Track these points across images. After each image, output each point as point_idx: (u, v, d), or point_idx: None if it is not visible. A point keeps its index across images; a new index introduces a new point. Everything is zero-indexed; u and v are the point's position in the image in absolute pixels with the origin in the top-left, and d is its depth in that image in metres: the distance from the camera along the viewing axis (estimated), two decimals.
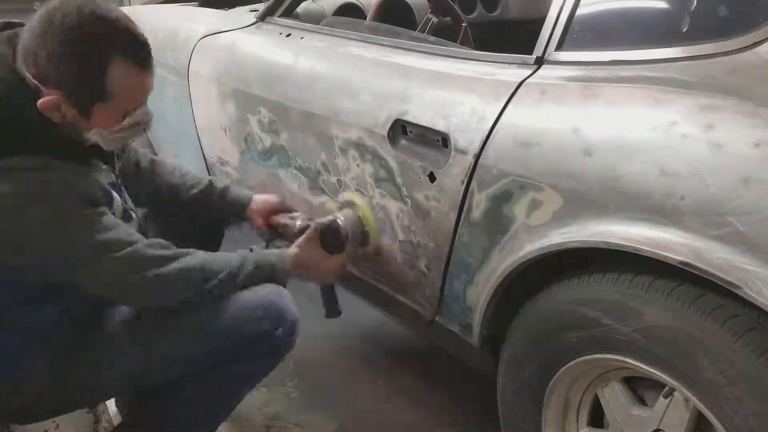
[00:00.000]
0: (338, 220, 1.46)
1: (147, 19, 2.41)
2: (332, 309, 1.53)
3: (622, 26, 1.20)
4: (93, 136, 1.14)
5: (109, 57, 1.06)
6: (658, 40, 1.08)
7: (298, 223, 1.53)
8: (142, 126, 1.19)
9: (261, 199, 1.62)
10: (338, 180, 1.57)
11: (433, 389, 1.84)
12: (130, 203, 1.31)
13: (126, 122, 1.15)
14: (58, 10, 1.05)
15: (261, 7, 2.11)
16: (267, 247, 1.59)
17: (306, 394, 1.82)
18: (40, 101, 1.06)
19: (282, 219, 1.59)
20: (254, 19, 1.99)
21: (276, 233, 1.60)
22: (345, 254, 1.45)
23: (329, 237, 1.43)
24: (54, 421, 1.35)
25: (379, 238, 1.48)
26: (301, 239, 1.41)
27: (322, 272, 1.43)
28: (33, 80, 1.07)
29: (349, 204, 1.52)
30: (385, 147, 1.39)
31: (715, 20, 1.08)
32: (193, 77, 2.04)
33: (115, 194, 1.22)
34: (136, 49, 1.09)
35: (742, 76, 0.94)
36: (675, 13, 1.15)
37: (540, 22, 1.21)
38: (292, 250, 1.39)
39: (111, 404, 1.56)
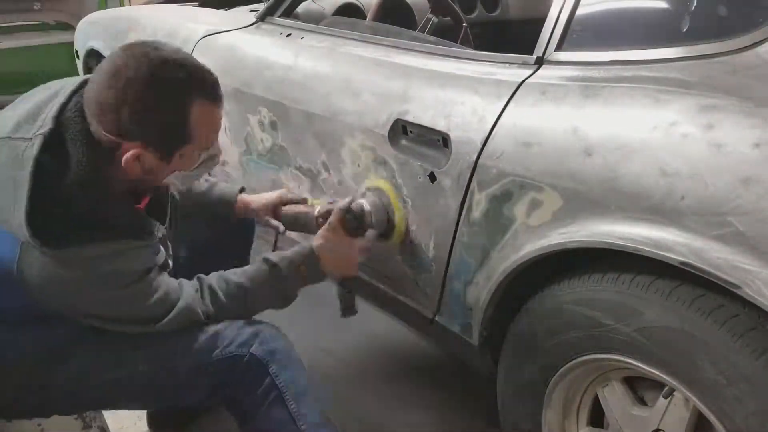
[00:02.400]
0: (363, 205, 1.37)
1: (147, 19, 2.42)
2: (349, 307, 1.41)
3: (622, 26, 1.20)
4: (172, 178, 1.15)
5: (189, 100, 1.05)
6: (658, 40, 1.08)
7: (318, 209, 1.42)
8: (215, 158, 1.19)
9: (265, 194, 1.55)
10: (339, 180, 1.57)
11: (433, 390, 1.84)
12: (170, 250, 1.29)
13: (203, 157, 1.15)
14: (124, 62, 1.02)
15: (261, 7, 2.11)
16: (276, 243, 1.51)
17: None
18: (124, 158, 1.04)
19: (296, 208, 1.50)
20: (254, 19, 1.99)
21: (292, 225, 1.50)
22: (368, 240, 1.35)
23: (351, 222, 1.33)
24: (39, 425, 1.32)
25: (406, 226, 1.38)
26: (323, 228, 1.32)
27: (350, 263, 1.34)
28: (110, 137, 1.04)
29: (374, 189, 1.43)
30: (386, 147, 1.39)
31: (715, 20, 1.08)
32: None
33: (163, 250, 1.21)
34: (210, 86, 1.09)
35: (742, 76, 0.94)
36: (675, 13, 1.16)
37: (540, 22, 1.21)
38: (316, 241, 1.31)
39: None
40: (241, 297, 1.23)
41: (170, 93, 1.04)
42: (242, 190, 1.55)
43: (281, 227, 1.51)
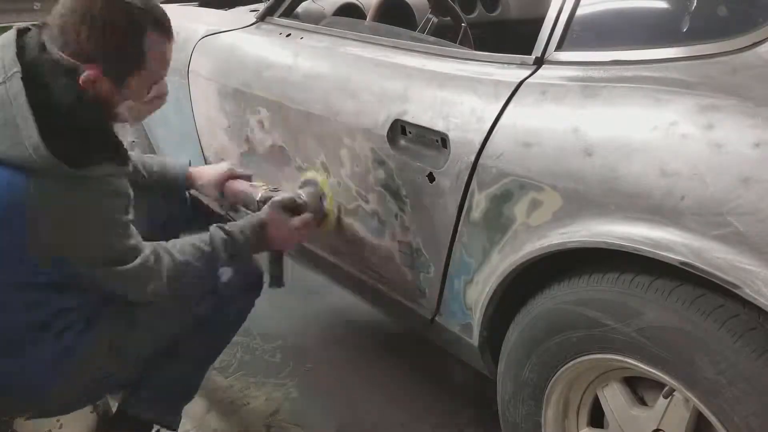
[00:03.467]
0: (301, 195, 1.58)
1: None
2: (278, 279, 1.58)
3: (622, 26, 1.20)
4: (123, 109, 1.21)
5: (144, 27, 1.15)
6: (658, 40, 1.08)
7: (260, 194, 1.57)
8: (163, 98, 1.28)
9: (211, 168, 1.65)
10: (338, 181, 1.57)
11: (433, 390, 1.84)
12: None
13: (152, 92, 1.24)
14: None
15: (261, 7, 2.11)
16: (227, 215, 1.65)
17: (306, 394, 1.82)
18: (81, 78, 1.12)
19: (241, 186, 1.62)
20: (254, 19, 1.98)
21: (235, 200, 1.64)
22: (303, 218, 1.51)
23: (291, 210, 1.50)
24: (58, 420, 1.36)
25: (336, 209, 1.58)
26: (268, 206, 1.47)
27: (289, 238, 1.50)
28: (69, 59, 1.12)
29: (309, 182, 1.64)
30: (384, 147, 1.39)
31: (715, 20, 1.08)
32: (193, 77, 2.04)
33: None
34: (164, 20, 1.20)
35: (742, 76, 0.94)
36: (675, 13, 1.16)
37: (540, 22, 1.21)
38: (264, 215, 1.45)
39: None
40: (198, 258, 1.32)
41: (127, 18, 1.14)
42: (189, 164, 1.66)
43: (222, 207, 1.68)
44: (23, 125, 1.06)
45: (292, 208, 1.52)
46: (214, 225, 1.39)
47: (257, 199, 1.55)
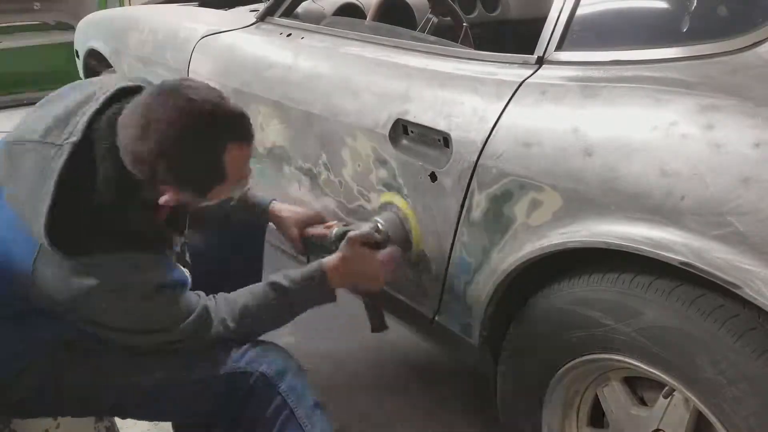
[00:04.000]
0: (378, 225, 1.36)
1: (147, 19, 2.42)
2: (379, 321, 1.40)
3: (622, 26, 1.20)
4: (197, 207, 1.21)
5: (222, 146, 1.07)
6: (658, 40, 1.08)
7: (335, 231, 1.39)
8: (246, 181, 1.21)
9: (292, 209, 1.53)
10: (339, 181, 1.57)
11: (433, 390, 1.84)
12: (187, 267, 1.31)
13: (236, 186, 1.18)
14: (156, 115, 1.03)
15: (261, 7, 2.11)
16: (308, 262, 1.45)
17: None
18: (161, 201, 1.09)
19: (318, 230, 1.48)
20: (254, 19, 1.99)
21: (314, 246, 1.48)
22: (389, 252, 1.32)
23: (370, 244, 1.33)
24: (56, 419, 1.36)
25: (424, 241, 1.36)
26: (341, 246, 1.31)
27: (368, 278, 1.32)
28: (145, 179, 1.07)
29: (389, 206, 1.41)
30: (386, 147, 1.39)
31: (715, 20, 1.08)
32: (194, 77, 2.04)
33: (180, 268, 1.23)
34: (242, 128, 1.11)
35: (742, 76, 0.94)
36: (675, 13, 1.16)
37: (540, 22, 1.21)
38: (331, 259, 1.29)
39: None
40: (248, 322, 1.23)
41: (204, 144, 1.06)
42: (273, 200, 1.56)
43: (296, 251, 1.52)
44: (42, 203, 1.04)
45: (371, 243, 1.32)
46: (266, 283, 1.27)
47: (332, 239, 1.37)
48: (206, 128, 1.05)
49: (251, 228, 1.60)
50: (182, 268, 1.24)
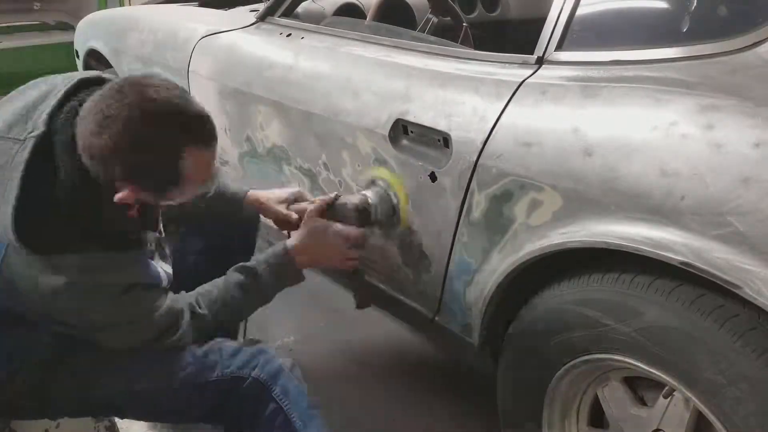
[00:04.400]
0: (368, 198, 1.35)
1: (147, 19, 2.42)
2: (363, 298, 1.39)
3: (622, 26, 1.20)
4: (163, 206, 1.19)
5: (182, 148, 1.04)
6: (658, 40, 1.08)
7: (318, 201, 1.37)
8: (213, 181, 1.20)
9: (270, 192, 1.52)
10: (339, 180, 1.57)
11: (432, 389, 1.84)
12: (167, 263, 1.28)
13: (197, 188, 1.14)
14: (115, 111, 0.99)
15: (261, 7, 2.11)
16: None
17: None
18: (117, 198, 1.04)
19: (302, 205, 1.46)
20: (254, 19, 1.99)
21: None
22: (357, 231, 1.31)
23: (358, 215, 1.32)
24: (55, 419, 1.36)
25: (410, 212, 1.33)
26: (301, 224, 1.31)
27: (328, 255, 1.33)
28: (100, 175, 1.04)
29: (378, 180, 1.39)
30: (386, 147, 1.39)
31: (715, 20, 1.08)
32: (193, 77, 2.04)
33: (155, 266, 1.20)
34: (202, 131, 1.07)
35: (742, 76, 0.94)
36: (675, 13, 1.16)
37: (540, 22, 1.21)
38: (294, 239, 1.32)
39: None
40: (222, 312, 1.25)
41: (161, 146, 1.03)
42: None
43: (294, 216, 1.47)
44: (6, 201, 1.01)
45: (362, 214, 1.31)
46: (233, 268, 1.29)
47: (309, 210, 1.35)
48: (164, 129, 1.02)
49: (244, 221, 1.58)
50: (160, 265, 1.21)
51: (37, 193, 1.02)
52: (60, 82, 1.11)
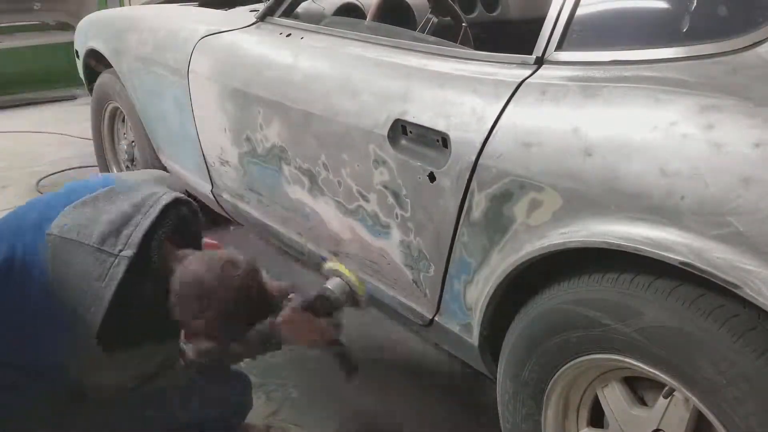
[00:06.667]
0: (327, 292, 1.46)
1: (147, 19, 2.42)
2: (350, 367, 1.51)
3: (622, 26, 1.20)
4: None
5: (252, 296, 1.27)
6: (658, 40, 1.08)
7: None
8: None
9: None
10: (338, 180, 1.57)
11: (432, 389, 1.84)
12: None
13: None
14: (212, 286, 1.21)
15: (261, 7, 2.11)
16: None
17: (306, 394, 1.81)
18: (188, 348, 1.31)
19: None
20: (254, 19, 1.99)
21: None
22: (329, 320, 1.45)
23: (322, 306, 1.43)
24: None
25: (366, 293, 1.48)
26: (286, 309, 1.42)
27: (310, 334, 1.44)
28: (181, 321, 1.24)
29: (334, 272, 1.50)
30: (385, 147, 1.39)
31: (715, 20, 1.08)
32: (193, 77, 2.04)
33: None
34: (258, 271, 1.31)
35: (742, 76, 0.94)
36: (675, 13, 1.16)
37: (540, 22, 1.21)
38: (279, 320, 1.40)
39: None
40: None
41: (245, 302, 1.24)
42: None
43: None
44: (96, 305, 1.17)
45: (326, 306, 1.43)
46: None
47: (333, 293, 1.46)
48: (246, 301, 1.25)
49: None
50: None
51: (125, 305, 1.19)
52: (152, 197, 1.28)
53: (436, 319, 1.42)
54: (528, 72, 1.19)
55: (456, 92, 1.29)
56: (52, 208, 1.26)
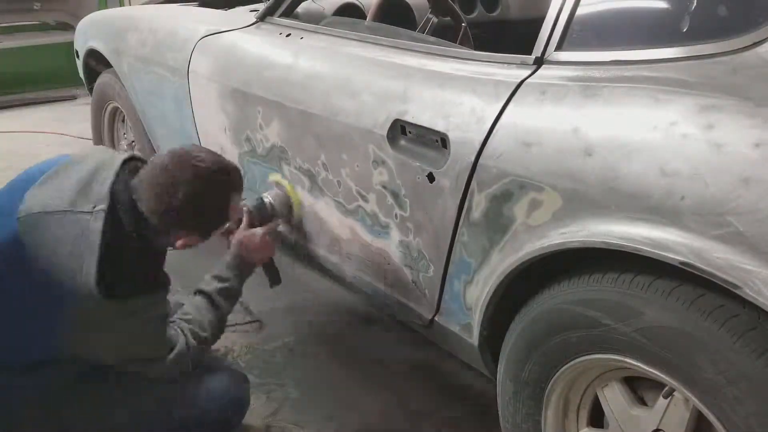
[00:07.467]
0: (265, 199, 1.72)
1: (147, 19, 2.42)
2: (275, 278, 1.73)
3: (622, 26, 1.20)
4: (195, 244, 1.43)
5: (229, 195, 1.38)
6: (658, 40, 1.08)
7: (251, 203, 1.71)
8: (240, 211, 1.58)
9: None
10: (338, 180, 1.57)
11: (432, 389, 1.84)
12: None
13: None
14: (178, 172, 1.29)
15: (261, 7, 2.11)
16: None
17: (306, 394, 1.81)
18: (178, 243, 1.36)
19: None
20: (254, 19, 1.99)
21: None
22: (269, 227, 1.65)
23: (260, 214, 1.67)
24: None
25: (302, 208, 1.71)
26: (238, 231, 1.60)
27: (265, 248, 1.62)
28: (164, 228, 1.32)
29: (275, 184, 1.76)
30: (384, 147, 1.39)
31: (715, 20, 1.08)
32: (193, 77, 2.04)
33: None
34: (240, 181, 1.42)
35: (742, 76, 0.94)
36: (675, 13, 1.15)
37: (540, 22, 1.21)
38: (234, 246, 1.58)
39: None
40: (215, 327, 1.51)
41: (219, 195, 1.35)
42: None
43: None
44: (87, 260, 1.22)
45: (263, 213, 1.68)
46: (205, 281, 1.54)
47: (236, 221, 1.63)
48: (220, 181, 1.34)
49: None
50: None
51: (111, 253, 1.24)
52: (107, 160, 1.35)
53: (435, 319, 1.42)
54: (527, 72, 1.19)
55: (455, 92, 1.29)
56: (14, 195, 1.30)
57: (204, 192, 1.30)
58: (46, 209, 1.26)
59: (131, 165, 1.36)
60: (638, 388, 1.12)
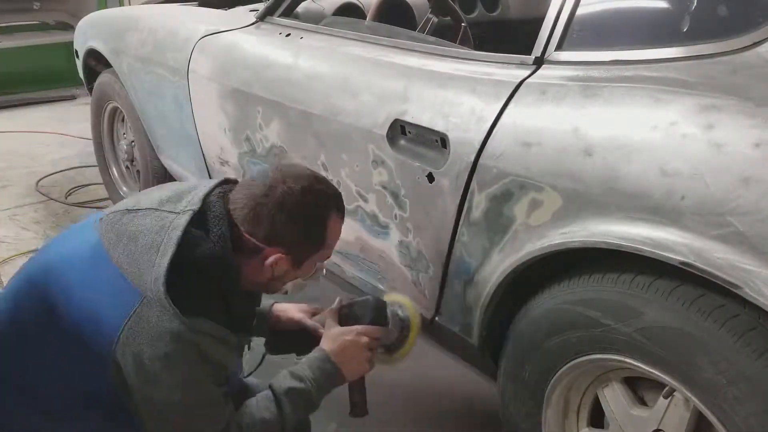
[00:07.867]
0: (399, 315, 1.34)
1: (147, 19, 2.42)
2: (361, 406, 1.33)
3: (622, 26, 1.20)
4: (289, 285, 1.26)
5: (329, 213, 1.20)
6: (658, 40, 1.08)
7: (328, 311, 1.35)
8: (322, 270, 1.29)
9: (294, 305, 1.48)
10: (338, 181, 1.57)
11: (433, 389, 1.83)
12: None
13: (317, 267, 1.25)
14: (280, 178, 1.16)
15: (261, 7, 2.11)
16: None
17: None
18: (267, 261, 1.16)
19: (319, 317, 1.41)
20: (254, 19, 1.99)
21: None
22: (377, 337, 1.30)
23: (378, 313, 1.31)
24: None
25: (417, 339, 1.36)
26: (326, 332, 1.31)
27: (359, 362, 1.29)
28: (255, 242, 1.15)
29: (397, 303, 1.38)
30: (384, 147, 1.39)
31: (715, 20, 1.08)
32: (193, 77, 2.04)
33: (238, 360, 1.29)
34: (342, 202, 1.24)
35: (742, 76, 0.94)
36: (675, 13, 1.15)
37: (540, 21, 1.21)
38: (326, 345, 1.28)
39: None
40: (259, 425, 1.21)
41: (318, 207, 1.19)
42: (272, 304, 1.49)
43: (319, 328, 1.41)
44: (162, 255, 1.07)
45: (367, 314, 1.30)
46: (280, 375, 1.25)
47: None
48: (322, 193, 1.19)
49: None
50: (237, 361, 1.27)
51: (188, 255, 1.09)
52: (201, 183, 1.22)
53: (436, 319, 1.42)
54: (527, 72, 1.19)
55: (455, 92, 1.29)
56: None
57: (300, 198, 1.15)
58: (133, 208, 1.16)
59: (226, 186, 1.22)
60: (638, 388, 1.12)
